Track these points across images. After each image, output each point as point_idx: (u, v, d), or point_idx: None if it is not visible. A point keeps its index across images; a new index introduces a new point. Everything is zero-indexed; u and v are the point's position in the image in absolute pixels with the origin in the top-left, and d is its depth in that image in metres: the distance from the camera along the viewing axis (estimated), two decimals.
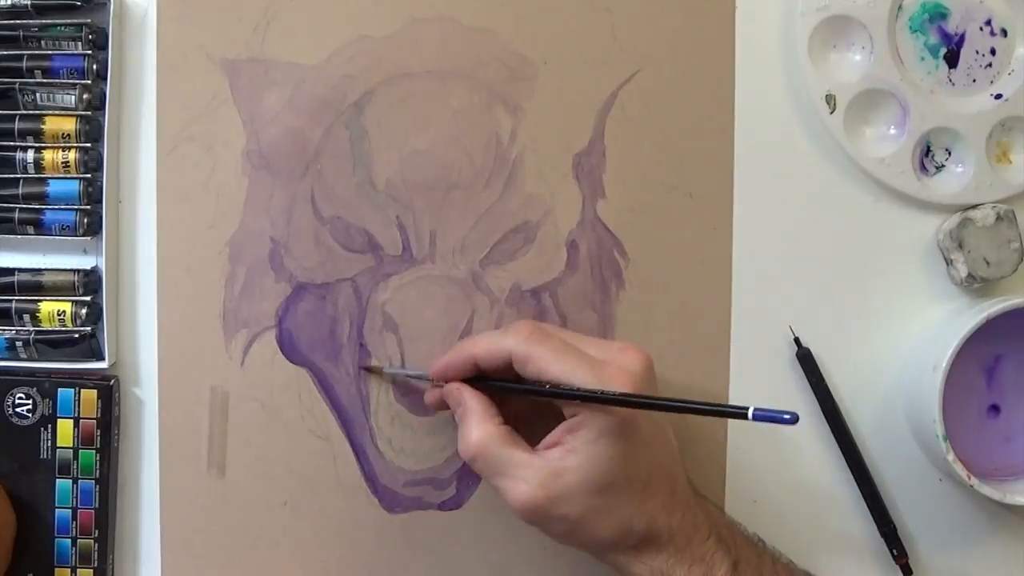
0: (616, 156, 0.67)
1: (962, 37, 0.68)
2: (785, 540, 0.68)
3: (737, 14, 0.68)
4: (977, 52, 0.68)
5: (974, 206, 0.68)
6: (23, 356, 0.65)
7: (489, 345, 0.60)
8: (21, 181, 0.65)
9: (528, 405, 0.63)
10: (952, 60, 0.68)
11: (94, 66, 0.64)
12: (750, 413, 0.52)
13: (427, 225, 0.67)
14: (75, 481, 0.66)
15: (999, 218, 0.67)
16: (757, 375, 0.69)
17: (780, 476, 0.69)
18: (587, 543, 0.60)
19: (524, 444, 0.59)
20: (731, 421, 0.68)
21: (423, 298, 0.67)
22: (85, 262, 0.66)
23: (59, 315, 0.65)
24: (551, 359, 0.58)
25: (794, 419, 0.51)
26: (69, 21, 0.64)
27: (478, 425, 0.59)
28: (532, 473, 0.58)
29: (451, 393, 0.62)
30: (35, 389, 0.65)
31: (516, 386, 0.60)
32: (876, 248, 0.69)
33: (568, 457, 0.58)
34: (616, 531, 0.58)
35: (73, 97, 0.64)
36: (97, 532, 0.66)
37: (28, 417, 0.65)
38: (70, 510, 0.66)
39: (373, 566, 0.68)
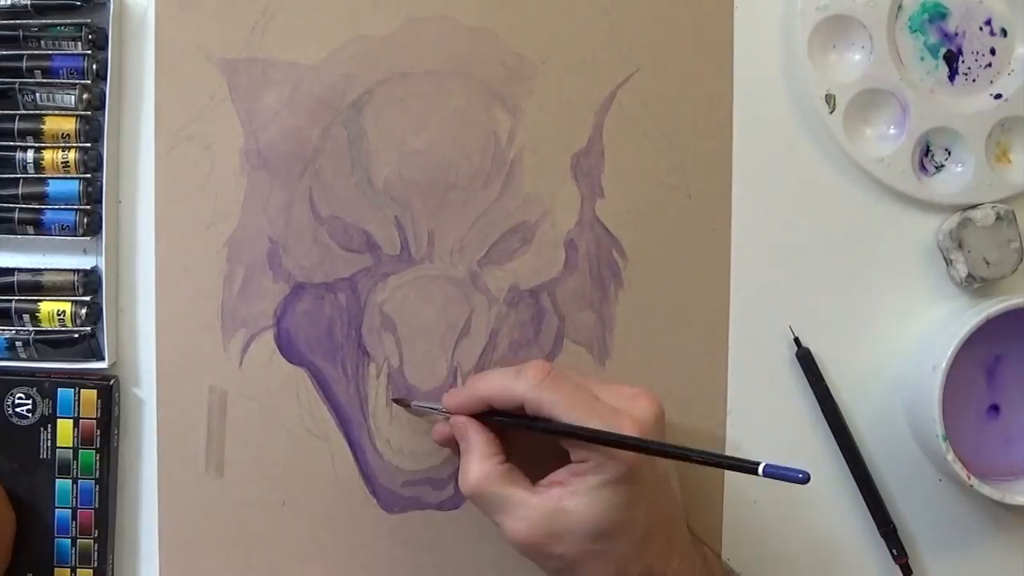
0: (615, 156, 0.67)
1: (962, 37, 0.68)
2: (785, 540, 0.68)
3: (736, 14, 0.68)
4: (977, 52, 0.68)
5: (974, 206, 0.68)
6: (23, 356, 0.65)
7: (502, 388, 0.60)
8: (21, 181, 0.65)
9: (535, 444, 0.62)
10: (952, 60, 0.68)
11: (94, 66, 0.64)
12: (760, 469, 0.52)
13: (425, 225, 0.67)
14: (75, 481, 0.66)
15: (999, 218, 0.67)
16: (757, 375, 0.68)
17: None
18: None
19: (525, 482, 0.59)
20: (730, 417, 0.68)
21: (421, 298, 0.67)
22: (85, 262, 0.66)
23: (59, 315, 0.65)
24: (564, 407, 0.58)
25: (806, 478, 0.51)
26: (69, 21, 0.64)
27: (478, 463, 0.59)
28: (531, 512, 0.58)
29: (456, 426, 0.62)
30: (35, 389, 0.65)
31: (525, 423, 0.60)
32: (876, 248, 0.69)
33: (570, 498, 0.57)
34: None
35: (73, 97, 0.64)
36: (97, 532, 0.66)
37: (28, 417, 0.65)
38: (70, 510, 0.66)
39: (371, 566, 0.68)
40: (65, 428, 0.65)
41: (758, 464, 0.52)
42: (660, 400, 0.60)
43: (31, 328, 0.65)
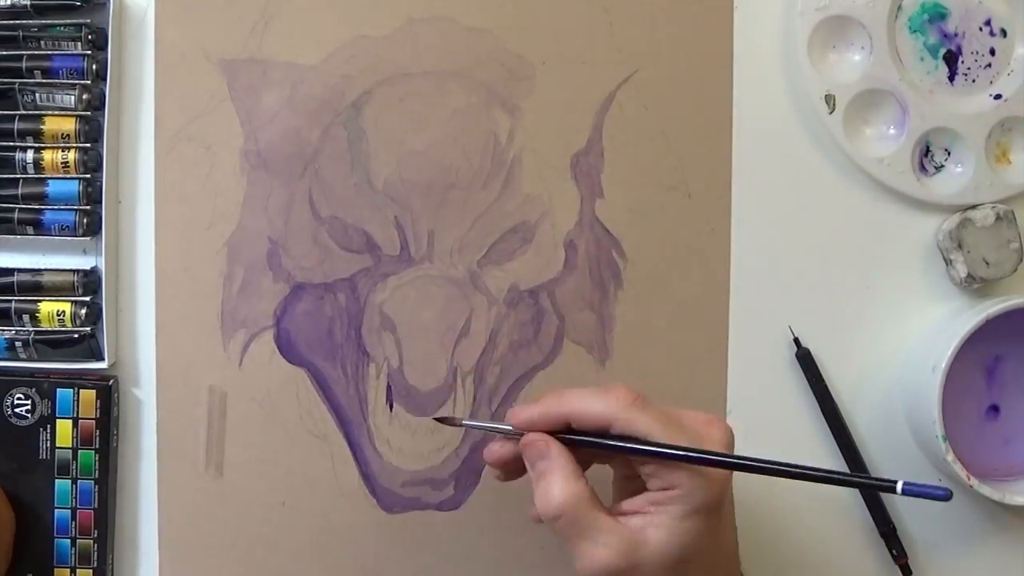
0: (614, 156, 0.67)
1: (962, 37, 0.68)
2: (785, 540, 0.68)
3: (736, 14, 0.68)
4: (976, 52, 0.68)
5: (974, 206, 0.68)
6: (23, 356, 0.65)
7: (586, 407, 0.56)
8: (21, 181, 0.65)
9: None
10: (952, 60, 0.68)
11: (94, 66, 0.64)
12: (899, 487, 0.51)
13: (425, 225, 0.67)
14: (74, 481, 0.66)
15: (999, 218, 0.67)
16: (756, 375, 0.68)
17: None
18: None
19: (605, 508, 0.56)
20: (730, 417, 0.68)
21: (421, 298, 0.67)
22: (85, 262, 0.66)
23: (58, 315, 0.65)
24: (656, 429, 0.55)
25: (947, 495, 0.50)
26: (69, 21, 0.64)
27: (566, 482, 0.55)
28: (614, 540, 0.54)
29: (535, 445, 0.57)
30: (34, 389, 0.65)
31: (617, 444, 0.56)
32: (876, 248, 0.69)
33: (652, 529, 0.55)
34: None
35: (73, 97, 0.64)
36: (96, 532, 0.66)
37: (27, 417, 0.65)
38: (69, 510, 0.66)
39: (371, 566, 0.68)
40: (64, 428, 0.65)
41: (895, 483, 0.51)
42: (729, 427, 0.57)
43: (31, 328, 0.65)
